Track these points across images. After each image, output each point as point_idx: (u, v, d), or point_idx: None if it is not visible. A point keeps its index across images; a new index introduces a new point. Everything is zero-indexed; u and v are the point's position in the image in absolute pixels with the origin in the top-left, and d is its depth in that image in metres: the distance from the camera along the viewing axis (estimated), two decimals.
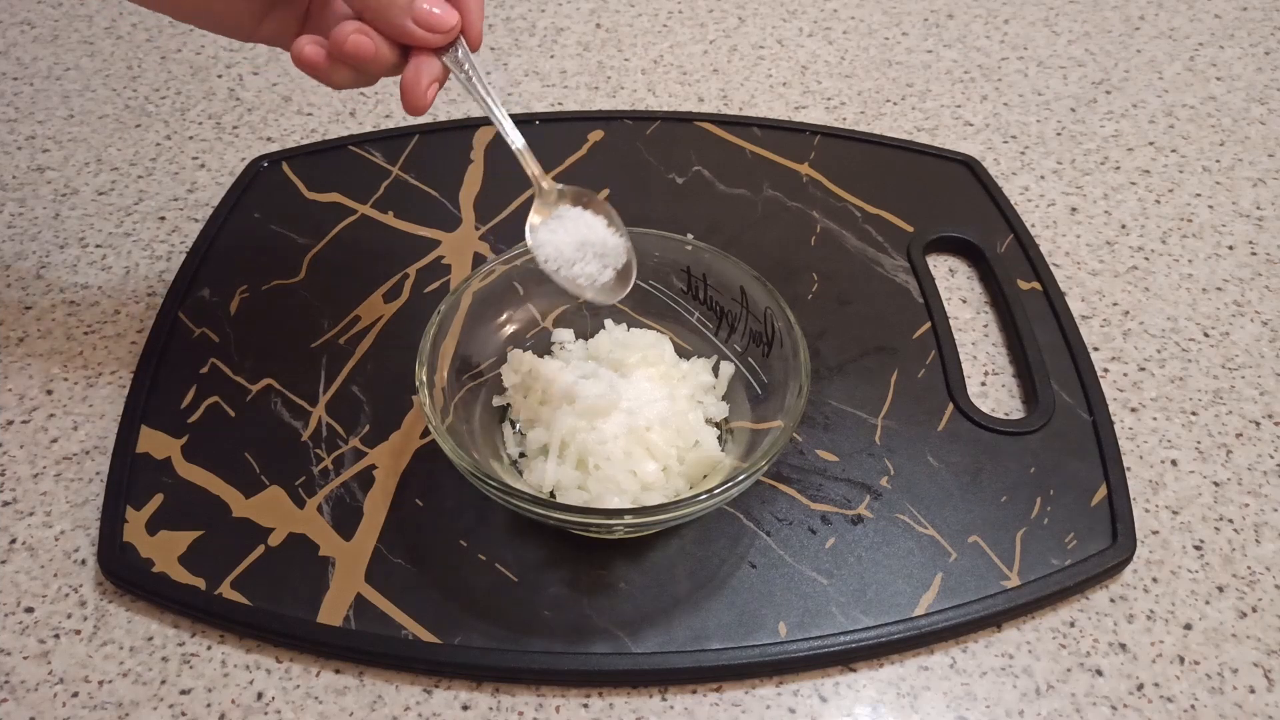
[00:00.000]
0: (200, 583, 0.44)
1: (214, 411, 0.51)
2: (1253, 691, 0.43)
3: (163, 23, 0.77)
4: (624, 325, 0.51)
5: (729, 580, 0.45)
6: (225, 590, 0.44)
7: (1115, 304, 0.58)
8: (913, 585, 0.45)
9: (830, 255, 0.59)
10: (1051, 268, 0.59)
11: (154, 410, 0.51)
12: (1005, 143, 0.68)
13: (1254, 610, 0.45)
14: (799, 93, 0.72)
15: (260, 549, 0.46)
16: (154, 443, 0.49)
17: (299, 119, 0.69)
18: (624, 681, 0.43)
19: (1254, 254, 0.61)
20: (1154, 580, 0.46)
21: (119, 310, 0.57)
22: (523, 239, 0.50)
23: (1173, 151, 0.68)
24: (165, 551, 0.45)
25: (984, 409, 0.52)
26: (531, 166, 0.45)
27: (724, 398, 0.49)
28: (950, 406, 0.51)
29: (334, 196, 0.62)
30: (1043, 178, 0.65)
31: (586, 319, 0.52)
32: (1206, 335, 0.56)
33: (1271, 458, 0.51)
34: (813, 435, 0.50)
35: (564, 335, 0.51)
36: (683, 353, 0.51)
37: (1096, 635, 0.44)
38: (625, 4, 0.80)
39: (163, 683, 0.42)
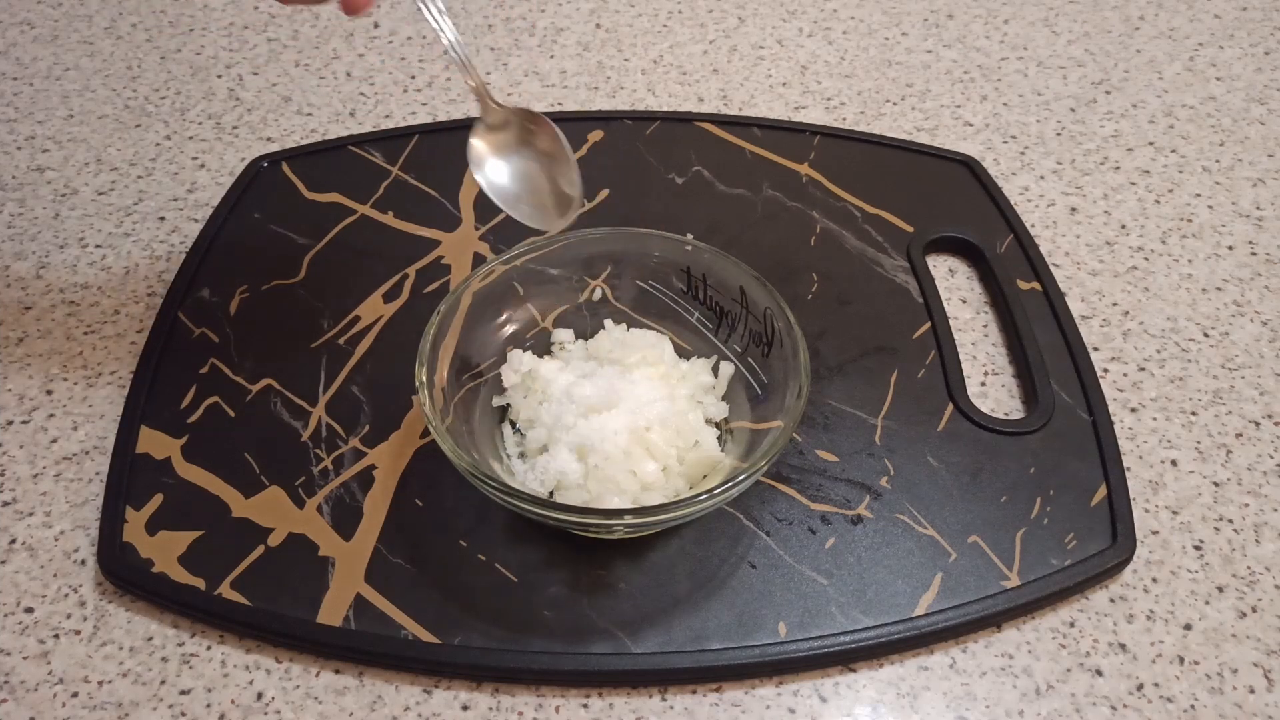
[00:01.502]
0: (200, 583, 0.44)
1: (214, 411, 0.51)
2: (1252, 691, 0.43)
3: (162, 23, 0.77)
4: (624, 325, 0.51)
5: (729, 580, 0.45)
6: (225, 590, 0.44)
7: (1115, 304, 0.58)
8: (912, 585, 0.45)
9: (830, 255, 0.59)
10: (1051, 268, 0.59)
11: (154, 410, 0.51)
12: (1005, 143, 0.68)
13: (1254, 610, 0.45)
14: (799, 93, 0.72)
15: (260, 549, 0.46)
16: (154, 443, 0.49)
17: (299, 119, 0.69)
18: (624, 681, 0.43)
19: (1254, 254, 0.61)
20: (1154, 580, 0.46)
21: (119, 310, 0.57)
22: (523, 238, 0.50)
23: (1172, 151, 0.68)
24: (165, 551, 0.45)
25: (984, 409, 0.52)
26: (471, 77, 0.44)
27: (724, 398, 0.49)
28: (950, 406, 0.51)
29: (334, 196, 0.62)
30: (1042, 178, 0.65)
31: (586, 319, 0.52)
32: (1206, 335, 0.56)
33: (1271, 458, 0.51)
34: (813, 435, 0.50)
35: (564, 335, 0.51)
36: (683, 353, 0.51)
37: (1096, 635, 0.44)
38: (625, 4, 0.80)
39: (162, 683, 0.42)
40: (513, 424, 0.49)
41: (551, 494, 0.45)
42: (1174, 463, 0.50)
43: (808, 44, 0.76)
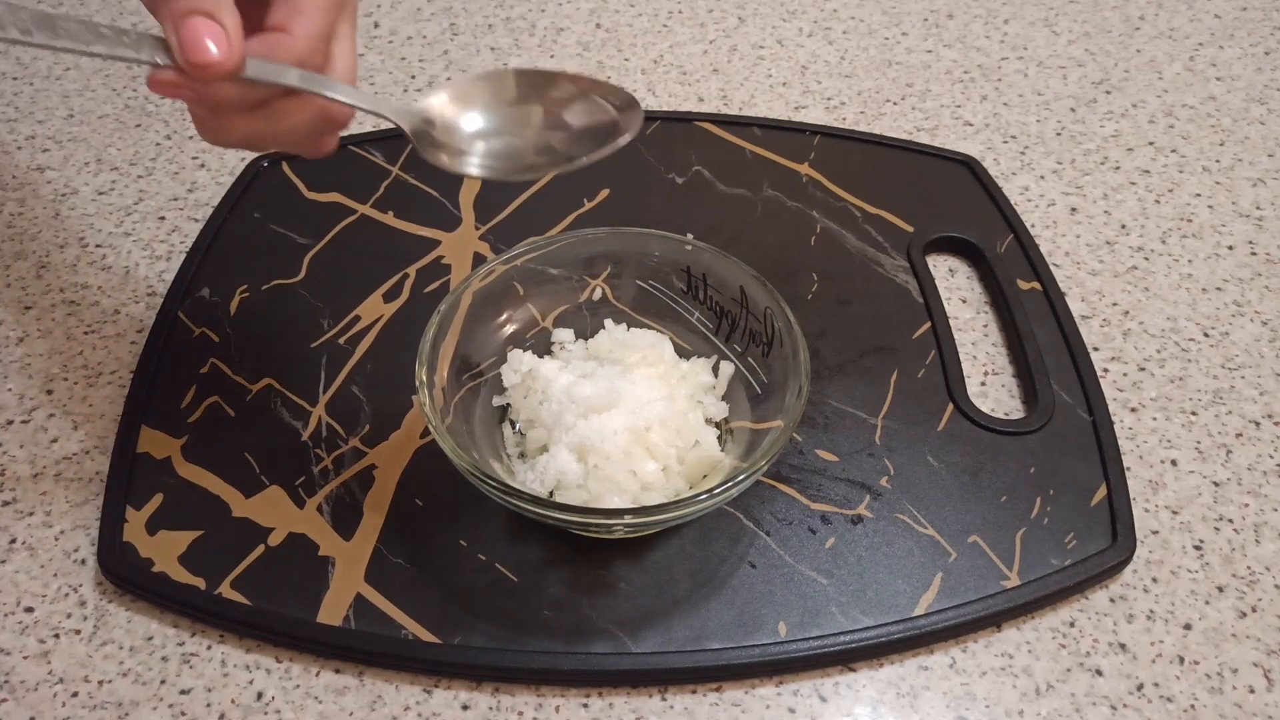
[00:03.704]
0: (200, 582, 0.44)
1: (214, 411, 0.51)
2: (1253, 691, 0.43)
3: None
4: (624, 325, 0.51)
5: (729, 580, 0.45)
6: (225, 590, 0.44)
7: (1115, 304, 0.58)
8: (912, 585, 0.45)
9: (830, 255, 0.59)
10: (1051, 268, 0.59)
11: (154, 410, 0.51)
12: (1005, 143, 0.68)
13: (1254, 610, 0.45)
14: (799, 93, 0.72)
15: (260, 549, 0.46)
16: (154, 443, 0.49)
17: None
18: (624, 681, 0.43)
19: (1254, 254, 0.61)
20: (1154, 580, 0.46)
21: (119, 310, 0.57)
22: (523, 238, 0.50)
23: (1173, 151, 0.68)
24: (165, 551, 0.45)
25: (984, 409, 0.52)
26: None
27: (724, 398, 0.49)
28: (950, 406, 0.51)
29: (334, 196, 0.62)
30: (1043, 178, 0.65)
31: (586, 319, 0.52)
32: (1206, 335, 0.56)
33: (1271, 458, 0.51)
34: (812, 435, 0.50)
35: (564, 335, 0.51)
36: (683, 353, 0.51)
37: (1096, 635, 0.44)
38: (625, 4, 0.80)
39: (162, 682, 0.43)
40: (513, 424, 0.49)
41: (551, 494, 0.45)
42: (1174, 462, 0.50)
43: (808, 44, 0.76)
